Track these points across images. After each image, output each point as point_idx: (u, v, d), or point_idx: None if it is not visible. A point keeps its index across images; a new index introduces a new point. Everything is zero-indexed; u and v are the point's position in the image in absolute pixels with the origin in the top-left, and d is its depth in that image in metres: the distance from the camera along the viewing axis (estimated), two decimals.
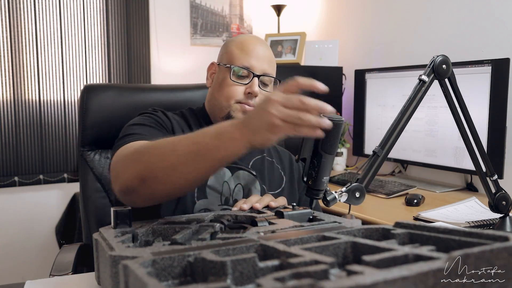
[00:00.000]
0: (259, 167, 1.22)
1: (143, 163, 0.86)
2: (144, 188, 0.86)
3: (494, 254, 0.41)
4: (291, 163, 1.31)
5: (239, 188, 1.15)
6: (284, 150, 1.36)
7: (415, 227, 0.59)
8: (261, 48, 1.18)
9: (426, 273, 0.37)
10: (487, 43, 1.84)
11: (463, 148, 1.33)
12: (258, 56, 1.16)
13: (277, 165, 1.27)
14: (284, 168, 1.28)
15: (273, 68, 1.21)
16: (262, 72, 1.16)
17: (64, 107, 2.37)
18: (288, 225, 0.74)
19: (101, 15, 2.43)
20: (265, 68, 1.17)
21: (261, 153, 1.25)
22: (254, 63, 1.15)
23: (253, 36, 1.24)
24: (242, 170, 1.18)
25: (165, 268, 0.56)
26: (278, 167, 1.27)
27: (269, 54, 1.20)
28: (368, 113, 2.23)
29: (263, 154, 1.25)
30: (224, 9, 2.75)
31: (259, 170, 1.21)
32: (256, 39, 1.22)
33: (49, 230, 2.39)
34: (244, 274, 0.50)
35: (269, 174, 1.23)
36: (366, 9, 2.51)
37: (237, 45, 1.19)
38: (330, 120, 0.89)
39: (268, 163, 1.25)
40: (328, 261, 0.45)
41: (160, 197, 0.91)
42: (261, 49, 1.18)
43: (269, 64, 1.18)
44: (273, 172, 1.25)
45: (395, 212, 1.55)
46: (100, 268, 0.73)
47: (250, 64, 1.15)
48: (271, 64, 1.20)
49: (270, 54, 1.21)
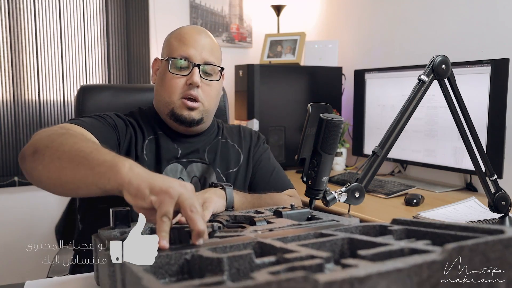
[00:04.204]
0: (213, 150, 1.21)
1: (47, 138, 0.83)
2: (31, 160, 0.82)
3: (489, 246, 0.41)
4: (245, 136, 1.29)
5: (195, 180, 1.15)
6: (235, 126, 1.34)
7: (412, 223, 0.59)
8: (200, 37, 1.14)
9: (420, 266, 0.37)
10: (486, 43, 1.84)
11: (462, 148, 1.33)
12: (197, 44, 1.13)
13: (232, 143, 1.26)
14: (241, 143, 1.27)
15: (216, 56, 1.17)
16: (202, 61, 1.12)
17: (63, 107, 2.37)
18: (286, 224, 0.74)
19: (100, 15, 2.43)
20: (205, 57, 1.13)
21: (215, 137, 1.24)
22: (193, 52, 1.12)
23: (193, 26, 1.20)
24: (195, 163, 1.17)
25: (162, 265, 0.56)
26: (235, 145, 1.26)
27: (209, 42, 1.16)
28: (368, 113, 2.23)
29: (218, 137, 1.24)
30: (223, 9, 2.76)
31: (214, 153, 1.20)
32: (195, 28, 1.17)
33: (49, 230, 2.39)
34: (241, 270, 0.50)
35: (224, 155, 1.22)
36: (366, 9, 2.51)
37: (175, 37, 1.16)
38: (330, 120, 0.89)
39: (222, 144, 1.24)
40: (324, 256, 0.45)
41: (36, 178, 0.83)
42: (200, 38, 1.14)
43: (210, 52, 1.14)
44: (229, 151, 1.23)
45: (394, 212, 1.55)
46: (99, 268, 0.73)
47: (188, 54, 1.11)
48: (213, 52, 1.15)
49: (210, 41, 1.16)
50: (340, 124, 0.90)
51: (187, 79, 1.12)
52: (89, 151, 0.76)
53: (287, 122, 2.38)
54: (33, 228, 2.38)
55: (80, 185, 0.75)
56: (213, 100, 1.18)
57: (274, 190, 1.21)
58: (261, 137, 1.33)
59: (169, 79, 1.13)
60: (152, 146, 1.16)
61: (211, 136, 1.24)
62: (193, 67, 1.11)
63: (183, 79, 1.12)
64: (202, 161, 1.18)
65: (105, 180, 0.70)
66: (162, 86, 1.15)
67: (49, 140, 0.82)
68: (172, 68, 1.12)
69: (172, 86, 1.12)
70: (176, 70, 1.12)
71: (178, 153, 1.17)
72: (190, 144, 1.19)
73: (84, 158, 0.74)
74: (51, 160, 0.79)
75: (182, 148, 1.18)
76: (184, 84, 1.12)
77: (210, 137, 1.23)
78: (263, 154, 1.29)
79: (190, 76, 1.11)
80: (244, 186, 1.23)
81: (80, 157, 0.75)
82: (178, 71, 1.12)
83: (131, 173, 0.68)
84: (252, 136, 1.31)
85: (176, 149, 1.17)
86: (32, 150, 0.83)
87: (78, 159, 0.75)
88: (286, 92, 2.39)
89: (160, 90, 1.16)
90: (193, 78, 1.10)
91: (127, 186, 0.67)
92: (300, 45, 2.54)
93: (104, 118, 1.11)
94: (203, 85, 1.13)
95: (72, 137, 0.84)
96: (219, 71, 1.17)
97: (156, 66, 1.22)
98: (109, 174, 0.69)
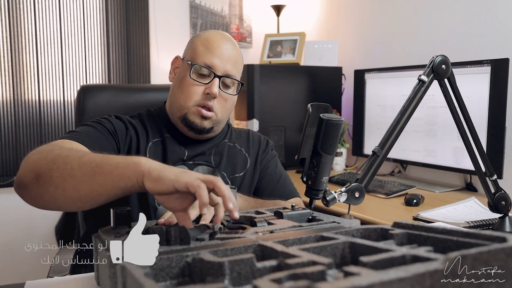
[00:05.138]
0: (219, 153, 1.20)
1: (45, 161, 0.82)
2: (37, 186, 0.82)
3: (491, 255, 0.41)
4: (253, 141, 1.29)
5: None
6: (244, 130, 1.33)
7: (413, 227, 0.59)
8: (226, 47, 1.13)
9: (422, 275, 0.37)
10: (486, 43, 1.84)
11: (462, 148, 1.33)
12: (222, 55, 1.11)
13: (240, 148, 1.25)
14: (248, 148, 1.26)
15: (238, 70, 1.16)
16: (224, 73, 1.11)
17: (63, 107, 2.37)
18: (287, 225, 0.74)
19: (100, 15, 2.43)
20: (228, 69, 1.12)
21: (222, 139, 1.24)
22: (217, 62, 1.10)
23: (220, 33, 1.18)
24: (201, 165, 1.17)
25: (163, 268, 0.56)
26: (242, 150, 1.25)
27: (234, 54, 1.14)
28: (368, 113, 2.23)
29: (224, 140, 1.24)
30: (223, 9, 2.75)
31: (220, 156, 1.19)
32: (223, 36, 1.16)
33: (49, 230, 2.39)
34: (242, 274, 0.50)
35: (231, 158, 1.22)
36: (366, 9, 2.50)
37: (202, 41, 1.14)
38: (330, 120, 0.89)
39: (229, 148, 1.23)
40: (326, 262, 0.45)
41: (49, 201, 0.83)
42: (226, 48, 1.13)
43: (233, 65, 1.13)
44: (236, 155, 1.23)
45: (394, 212, 1.55)
46: (100, 268, 0.73)
47: (212, 63, 1.10)
48: (236, 65, 1.15)
49: (236, 54, 1.15)
50: (340, 124, 0.90)
51: (206, 87, 1.11)
52: (100, 160, 0.78)
53: (287, 122, 2.38)
54: (33, 228, 2.38)
55: (101, 192, 0.76)
56: (227, 112, 1.17)
57: (279, 198, 1.21)
58: (270, 143, 1.32)
59: (188, 84, 1.12)
60: (157, 148, 1.15)
61: (218, 139, 1.23)
62: (214, 77, 1.10)
63: (202, 87, 1.11)
64: (207, 163, 1.18)
65: (125, 179, 0.73)
66: (180, 88, 1.14)
67: (50, 162, 0.81)
68: (193, 74, 1.11)
69: (190, 92, 1.11)
70: (197, 77, 1.11)
71: (184, 155, 1.16)
72: (196, 147, 1.19)
73: (98, 167, 0.76)
74: (62, 180, 0.79)
75: (188, 150, 1.17)
76: (202, 93, 1.11)
77: (217, 140, 1.23)
78: (270, 160, 1.29)
79: (209, 86, 1.10)
80: (250, 191, 1.23)
81: (93, 167, 0.77)
82: (198, 78, 1.11)
83: (149, 163, 0.73)
84: (261, 142, 1.30)
85: (182, 151, 1.17)
86: (33, 176, 0.82)
87: (92, 170, 0.77)
88: (286, 92, 2.39)
89: (177, 92, 1.15)
90: (212, 88, 1.09)
91: (147, 174, 0.71)
92: (300, 45, 2.54)
93: (102, 123, 1.10)
94: (220, 97, 1.12)
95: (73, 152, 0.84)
96: (238, 85, 1.17)
97: (175, 65, 1.21)
98: (128, 172, 0.73)
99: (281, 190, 1.25)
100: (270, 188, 1.24)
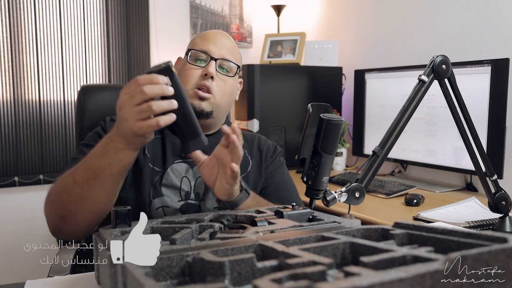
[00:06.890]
0: None
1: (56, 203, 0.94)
2: (68, 224, 0.93)
3: (492, 255, 0.41)
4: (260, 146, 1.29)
5: (200, 181, 1.15)
6: (253, 135, 1.35)
7: (414, 227, 0.59)
8: (222, 38, 1.20)
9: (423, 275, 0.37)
10: (486, 43, 1.84)
11: (462, 148, 1.33)
12: (218, 42, 1.17)
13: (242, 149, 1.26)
14: (252, 151, 1.27)
15: (235, 57, 1.20)
16: (220, 57, 1.16)
17: (64, 107, 2.37)
18: (288, 225, 0.74)
19: (101, 15, 2.43)
20: (224, 54, 1.17)
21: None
22: (212, 48, 1.16)
23: (218, 30, 1.26)
24: None
25: (164, 268, 0.56)
26: (244, 151, 1.24)
27: (230, 43, 1.20)
28: (368, 113, 2.23)
29: None
30: (224, 9, 2.75)
31: None
32: (220, 31, 1.23)
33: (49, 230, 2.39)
34: (242, 274, 0.50)
35: None
36: (366, 9, 2.50)
37: (199, 35, 1.21)
38: (330, 120, 0.89)
39: None
40: (326, 262, 0.45)
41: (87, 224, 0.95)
42: (222, 38, 1.19)
43: (229, 52, 1.18)
44: None
45: (394, 212, 1.55)
46: (100, 268, 0.73)
47: (207, 48, 1.15)
48: (232, 52, 1.19)
49: (232, 44, 1.21)
50: (340, 124, 0.90)
51: (203, 70, 1.14)
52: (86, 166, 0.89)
53: (287, 122, 2.38)
54: (33, 228, 2.37)
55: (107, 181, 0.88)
56: (226, 97, 1.18)
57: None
58: (278, 150, 1.32)
59: (186, 69, 1.16)
60: (157, 144, 1.16)
61: (219, 137, 1.23)
62: (210, 60, 1.15)
63: (199, 71, 1.15)
64: None
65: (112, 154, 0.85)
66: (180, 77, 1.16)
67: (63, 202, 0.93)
68: (190, 59, 1.16)
69: (188, 76, 1.15)
70: (194, 61, 1.16)
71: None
72: None
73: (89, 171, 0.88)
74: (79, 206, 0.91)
75: None
76: (199, 75, 1.14)
77: (219, 137, 1.23)
78: (277, 168, 1.28)
79: (206, 68, 1.14)
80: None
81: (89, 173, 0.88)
82: (196, 62, 1.16)
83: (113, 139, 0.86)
84: (269, 147, 1.30)
85: None
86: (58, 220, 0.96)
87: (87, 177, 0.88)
88: (286, 92, 2.39)
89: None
90: (208, 68, 1.13)
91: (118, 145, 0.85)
92: (300, 45, 2.54)
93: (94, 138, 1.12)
94: (218, 79, 1.15)
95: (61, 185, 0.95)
96: (236, 70, 1.20)
97: (178, 66, 1.24)
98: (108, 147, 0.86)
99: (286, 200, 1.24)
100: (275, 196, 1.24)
